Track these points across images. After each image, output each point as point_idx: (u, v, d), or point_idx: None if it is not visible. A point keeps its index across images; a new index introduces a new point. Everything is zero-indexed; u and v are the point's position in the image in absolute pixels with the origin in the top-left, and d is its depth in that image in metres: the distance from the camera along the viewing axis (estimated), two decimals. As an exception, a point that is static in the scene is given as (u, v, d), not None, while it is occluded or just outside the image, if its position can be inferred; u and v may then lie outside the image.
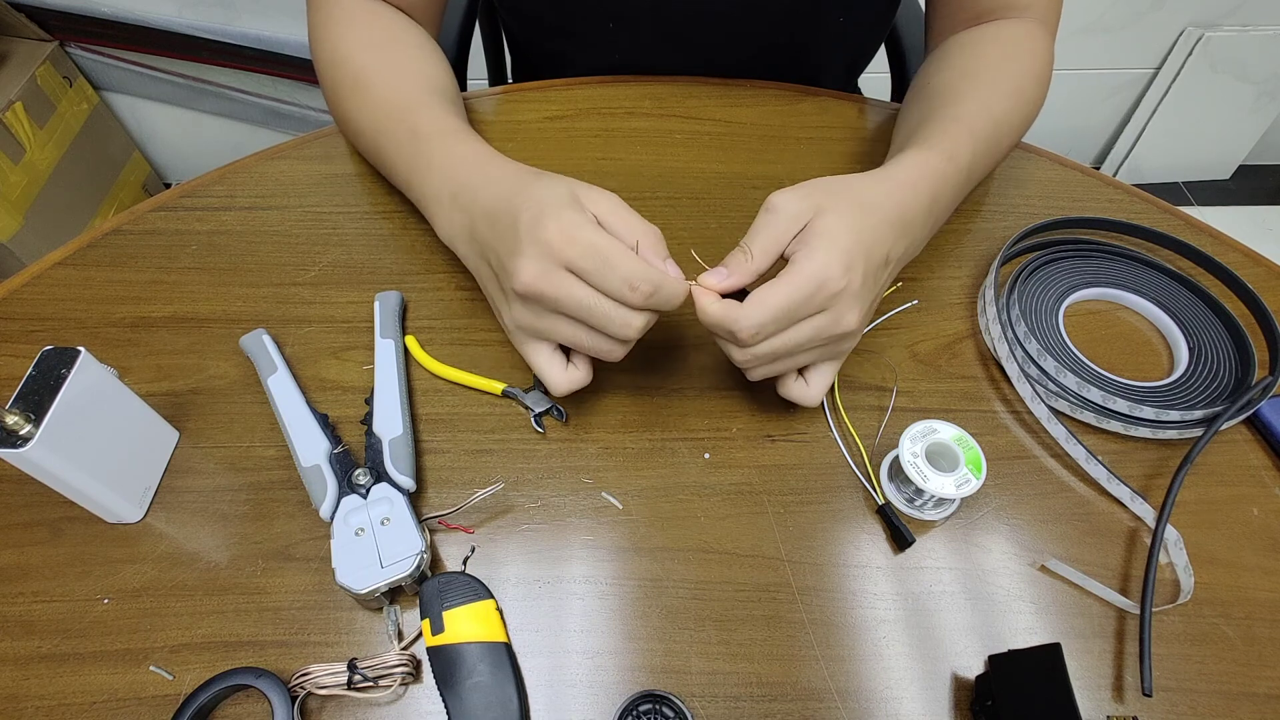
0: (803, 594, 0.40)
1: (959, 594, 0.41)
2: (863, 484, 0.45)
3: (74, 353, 0.38)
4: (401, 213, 0.57)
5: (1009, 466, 0.46)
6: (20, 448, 0.35)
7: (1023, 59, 0.56)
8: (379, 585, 0.38)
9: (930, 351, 0.51)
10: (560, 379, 0.42)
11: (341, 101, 0.56)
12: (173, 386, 0.47)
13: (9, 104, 1.26)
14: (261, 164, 0.60)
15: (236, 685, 0.36)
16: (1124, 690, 0.38)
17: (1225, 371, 0.49)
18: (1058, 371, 0.48)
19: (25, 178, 1.30)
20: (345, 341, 0.49)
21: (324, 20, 0.57)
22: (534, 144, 0.62)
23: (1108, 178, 0.62)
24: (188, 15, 1.36)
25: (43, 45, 1.36)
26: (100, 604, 0.39)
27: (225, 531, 0.42)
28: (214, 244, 0.54)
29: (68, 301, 0.51)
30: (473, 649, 0.37)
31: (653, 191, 0.59)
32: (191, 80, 1.47)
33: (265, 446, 0.45)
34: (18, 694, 0.36)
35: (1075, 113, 1.69)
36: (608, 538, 0.42)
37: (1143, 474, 0.46)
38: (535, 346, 0.42)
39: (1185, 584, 0.41)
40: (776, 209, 0.41)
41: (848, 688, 0.38)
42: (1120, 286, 0.54)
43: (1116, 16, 1.50)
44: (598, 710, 0.37)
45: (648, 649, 0.39)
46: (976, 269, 0.55)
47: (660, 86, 0.67)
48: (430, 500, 0.43)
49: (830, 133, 0.64)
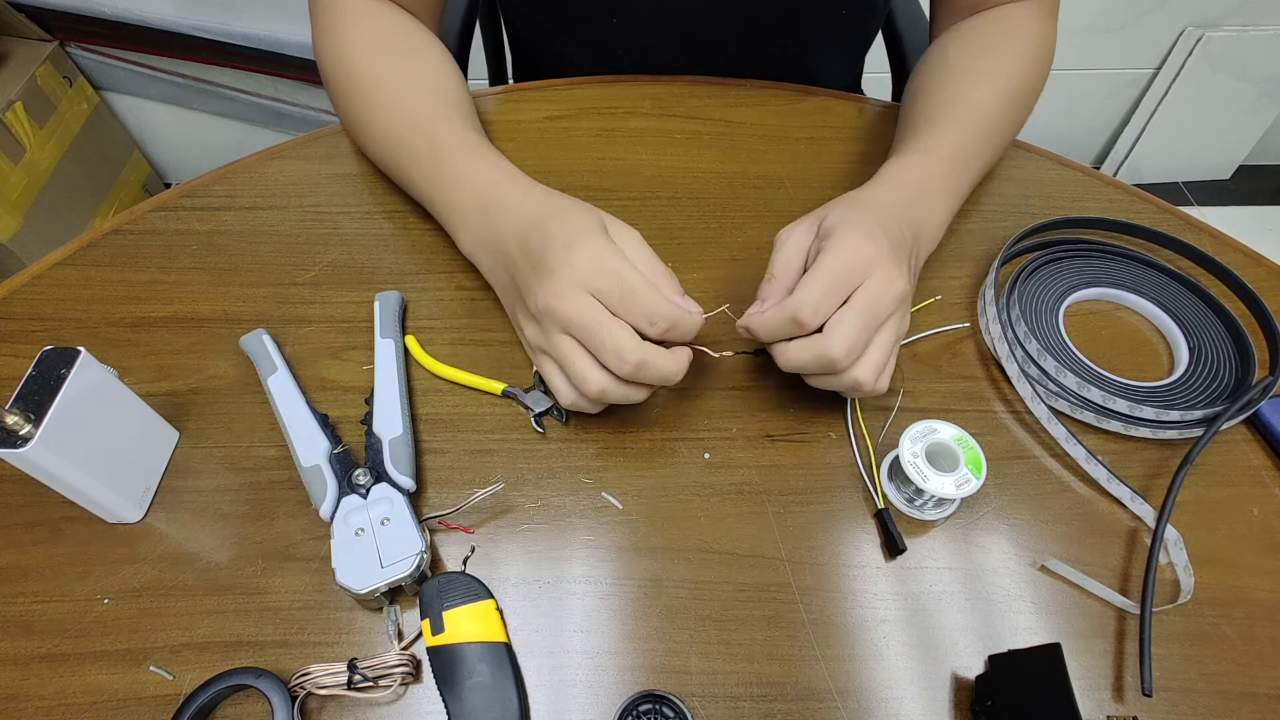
0: (803, 594, 0.41)
1: (959, 594, 0.41)
2: (863, 484, 0.45)
3: (74, 353, 0.38)
4: (401, 213, 0.57)
5: (1009, 466, 0.46)
6: (20, 448, 0.35)
7: (1019, 45, 0.57)
8: (379, 585, 0.38)
9: (930, 351, 0.51)
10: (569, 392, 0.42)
11: (353, 109, 0.56)
12: (173, 386, 0.47)
13: (9, 104, 1.26)
14: (261, 164, 0.59)
15: (236, 685, 0.36)
16: (1124, 690, 0.38)
17: (1225, 371, 0.49)
18: (1058, 371, 0.48)
19: (25, 178, 1.30)
20: (345, 341, 0.50)
21: (329, 21, 0.56)
22: (534, 144, 0.62)
23: (1108, 178, 0.62)
24: (188, 15, 1.36)
25: (43, 45, 1.36)
26: (100, 604, 0.39)
27: (225, 531, 0.42)
28: (214, 244, 0.54)
29: (68, 301, 0.51)
30: (473, 649, 0.37)
31: (653, 191, 0.59)
32: (191, 80, 1.47)
33: (265, 446, 0.45)
34: (18, 694, 0.36)
35: (1075, 113, 1.69)
36: (608, 538, 0.42)
37: (1143, 474, 0.46)
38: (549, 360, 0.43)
39: (1185, 584, 0.41)
40: (783, 236, 0.45)
41: (848, 688, 0.38)
42: (1120, 286, 0.54)
43: (1116, 16, 1.50)
44: (598, 710, 0.37)
45: (648, 649, 0.39)
46: (976, 269, 0.55)
47: (660, 86, 0.67)
48: (430, 500, 0.43)
49: (830, 133, 0.64)
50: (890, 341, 0.42)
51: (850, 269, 0.40)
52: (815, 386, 0.44)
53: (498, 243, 0.46)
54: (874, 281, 0.40)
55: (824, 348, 0.40)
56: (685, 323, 0.40)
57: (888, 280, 0.40)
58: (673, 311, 0.40)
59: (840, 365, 0.40)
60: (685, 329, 0.41)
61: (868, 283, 0.40)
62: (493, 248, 0.47)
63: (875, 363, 0.41)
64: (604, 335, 0.39)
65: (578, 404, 0.43)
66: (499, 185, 0.48)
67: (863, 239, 0.41)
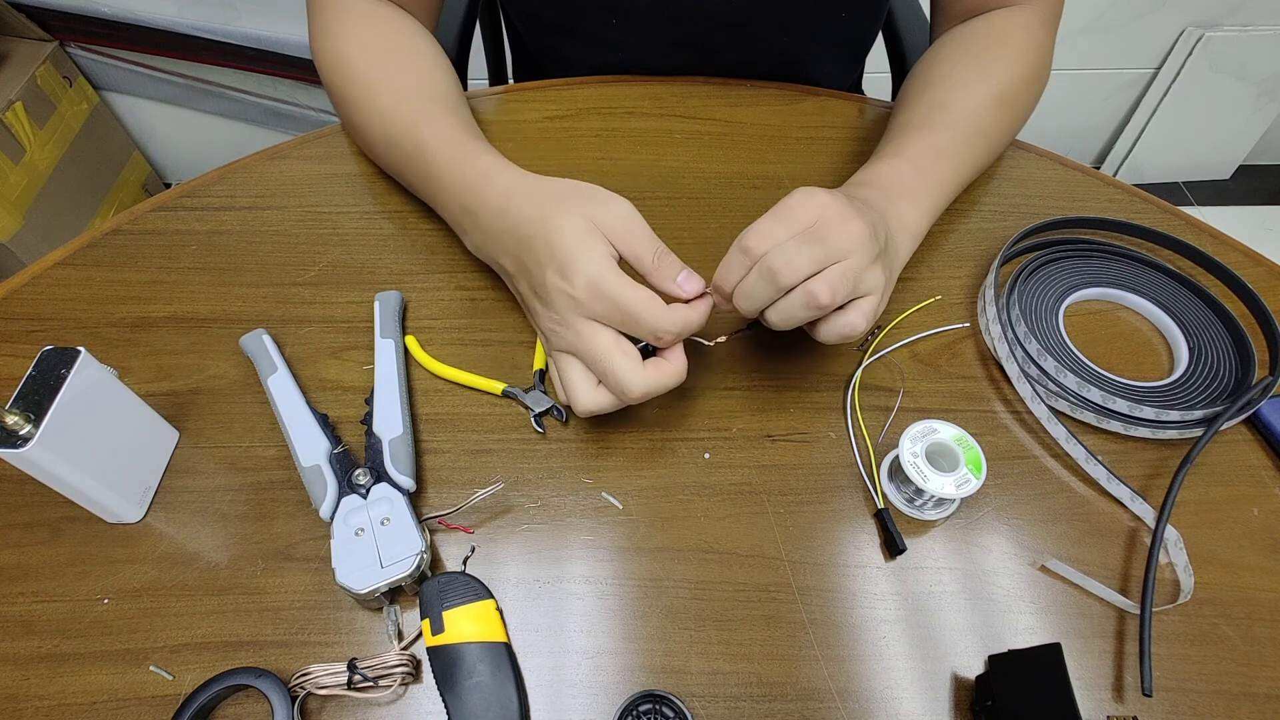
0: (803, 594, 0.40)
1: (959, 594, 0.41)
2: (863, 484, 0.45)
3: (74, 353, 0.38)
4: (401, 213, 0.57)
5: (1009, 466, 0.46)
6: (20, 448, 0.35)
7: (1011, 50, 0.57)
8: (379, 585, 0.38)
9: (930, 351, 0.51)
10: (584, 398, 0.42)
11: (349, 110, 0.56)
12: (173, 386, 0.47)
13: (9, 104, 1.26)
14: (261, 164, 0.59)
15: (236, 685, 0.36)
16: (1124, 690, 0.38)
17: (1225, 371, 0.49)
18: (1058, 371, 0.48)
19: (25, 178, 1.30)
20: (345, 341, 0.50)
21: (325, 20, 0.57)
22: (534, 144, 0.62)
23: (1108, 177, 0.62)
24: (188, 15, 1.36)
25: (43, 45, 1.36)
26: (100, 604, 0.39)
27: (225, 531, 0.42)
28: (214, 244, 0.54)
29: (68, 301, 0.51)
30: (473, 649, 0.37)
31: (653, 191, 0.59)
32: (191, 80, 1.47)
33: (265, 446, 0.45)
34: (18, 694, 0.36)
35: (1075, 113, 1.69)
36: (608, 538, 0.42)
37: (1143, 474, 0.46)
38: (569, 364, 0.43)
39: (1185, 584, 0.41)
40: None
41: (848, 688, 0.38)
42: (1120, 286, 0.54)
43: (1116, 16, 1.50)
44: (598, 710, 0.37)
45: (648, 649, 0.39)
46: (976, 269, 0.55)
47: (660, 86, 0.67)
48: (430, 500, 0.43)
49: (830, 133, 0.64)
50: (851, 270, 0.39)
51: (800, 208, 0.40)
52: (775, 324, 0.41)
53: (493, 250, 0.47)
54: (827, 215, 0.39)
55: (763, 260, 0.39)
56: (691, 323, 0.41)
57: (840, 217, 0.39)
58: (676, 321, 0.40)
59: (781, 275, 0.38)
60: (693, 327, 0.41)
61: (820, 218, 0.39)
62: (489, 252, 0.47)
63: (830, 280, 0.38)
64: (606, 367, 0.40)
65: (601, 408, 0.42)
66: (475, 187, 0.47)
67: (819, 192, 0.40)
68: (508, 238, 0.44)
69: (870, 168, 0.51)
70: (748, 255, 0.40)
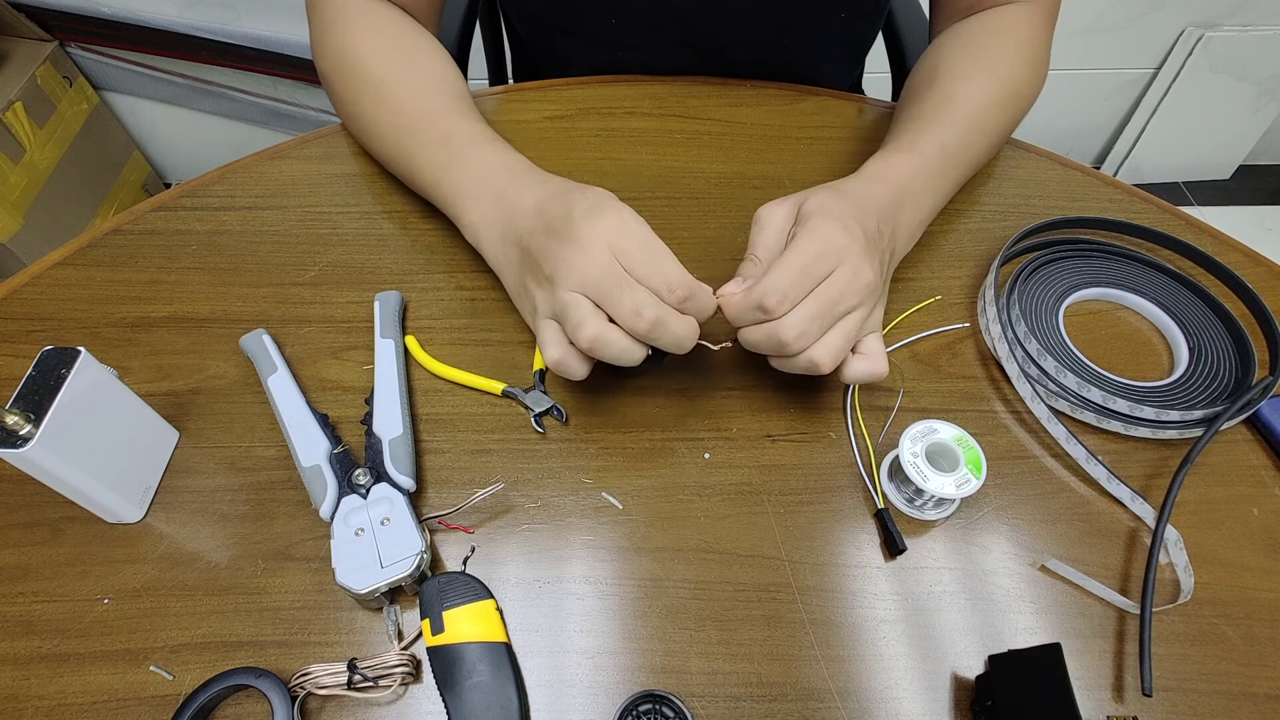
0: (803, 594, 0.41)
1: (959, 594, 0.41)
2: (863, 484, 0.45)
3: (74, 353, 0.38)
4: (401, 213, 0.57)
5: (1009, 466, 0.46)
6: (20, 448, 0.35)
7: (1012, 46, 0.57)
8: (379, 585, 0.38)
9: (930, 351, 0.51)
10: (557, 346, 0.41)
11: (357, 107, 0.56)
12: (173, 386, 0.47)
13: (9, 104, 1.26)
14: (261, 164, 0.59)
15: (236, 685, 0.36)
16: (1124, 690, 0.38)
17: (1225, 371, 0.49)
18: (1058, 371, 0.48)
19: (25, 178, 1.30)
20: (345, 341, 0.50)
21: (328, 20, 0.57)
22: (534, 144, 0.62)
23: (1108, 177, 0.62)
24: (188, 15, 1.36)
25: (43, 45, 1.36)
26: (100, 604, 0.39)
27: (225, 531, 0.42)
28: (214, 244, 0.54)
29: (68, 301, 0.51)
30: (473, 649, 0.37)
31: (653, 191, 0.59)
32: (191, 80, 1.47)
33: (265, 446, 0.45)
34: (18, 694, 0.36)
35: (1075, 113, 1.69)
36: (608, 538, 0.42)
37: (1143, 474, 0.46)
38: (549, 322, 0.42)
39: (1185, 584, 0.41)
40: (765, 216, 0.44)
41: (848, 688, 0.38)
42: (1120, 286, 0.54)
43: (1116, 16, 1.50)
44: (598, 710, 0.37)
45: (648, 649, 0.39)
46: (976, 269, 0.55)
47: (660, 86, 0.67)
48: (430, 500, 0.43)
49: (830, 133, 0.64)
50: (853, 328, 0.41)
51: (820, 258, 0.40)
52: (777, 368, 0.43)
53: (509, 220, 0.46)
54: (842, 271, 0.41)
55: (775, 328, 0.40)
56: (702, 294, 0.41)
57: (855, 271, 0.41)
58: (691, 282, 0.40)
59: (791, 348, 0.40)
60: (701, 302, 0.41)
61: (836, 272, 0.41)
62: (503, 226, 0.46)
63: (833, 345, 0.41)
64: (623, 291, 0.39)
65: (564, 360, 0.41)
66: (513, 170, 0.49)
67: (837, 229, 0.41)
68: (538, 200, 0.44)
69: (884, 159, 0.51)
70: (764, 313, 0.40)
